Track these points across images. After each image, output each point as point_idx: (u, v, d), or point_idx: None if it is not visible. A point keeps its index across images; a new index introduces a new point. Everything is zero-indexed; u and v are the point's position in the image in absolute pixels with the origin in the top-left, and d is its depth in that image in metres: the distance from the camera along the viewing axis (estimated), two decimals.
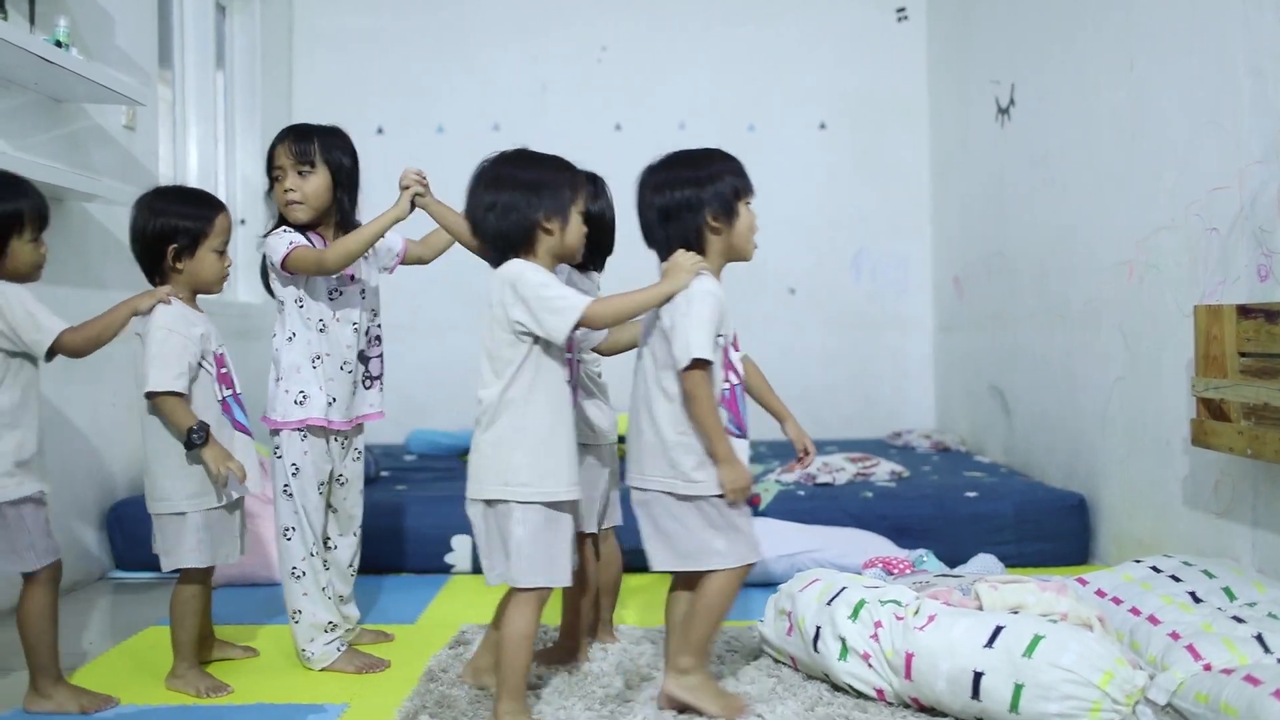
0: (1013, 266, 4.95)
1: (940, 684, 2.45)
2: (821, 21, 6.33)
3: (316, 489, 2.91)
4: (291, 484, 2.89)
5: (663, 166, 2.53)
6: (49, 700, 2.61)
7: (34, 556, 2.58)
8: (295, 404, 2.87)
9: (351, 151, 2.95)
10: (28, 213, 2.58)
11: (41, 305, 2.58)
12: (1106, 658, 2.35)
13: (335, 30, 6.24)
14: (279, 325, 2.91)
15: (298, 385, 2.87)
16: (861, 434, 6.20)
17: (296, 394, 2.87)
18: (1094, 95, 4.02)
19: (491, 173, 2.45)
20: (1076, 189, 4.21)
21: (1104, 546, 3.99)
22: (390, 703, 2.62)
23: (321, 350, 2.88)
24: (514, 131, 6.04)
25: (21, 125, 3.55)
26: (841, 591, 2.74)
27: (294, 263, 2.82)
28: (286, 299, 2.89)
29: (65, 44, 3.43)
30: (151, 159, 4.45)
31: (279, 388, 2.88)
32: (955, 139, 5.85)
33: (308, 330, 2.88)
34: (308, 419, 2.87)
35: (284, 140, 2.89)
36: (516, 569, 2.38)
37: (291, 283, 2.88)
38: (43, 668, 2.62)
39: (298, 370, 2.88)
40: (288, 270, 2.84)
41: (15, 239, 2.57)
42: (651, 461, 2.45)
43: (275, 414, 2.89)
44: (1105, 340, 3.95)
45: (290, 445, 2.89)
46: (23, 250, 2.59)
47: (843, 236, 6.32)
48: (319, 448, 2.91)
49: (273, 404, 2.89)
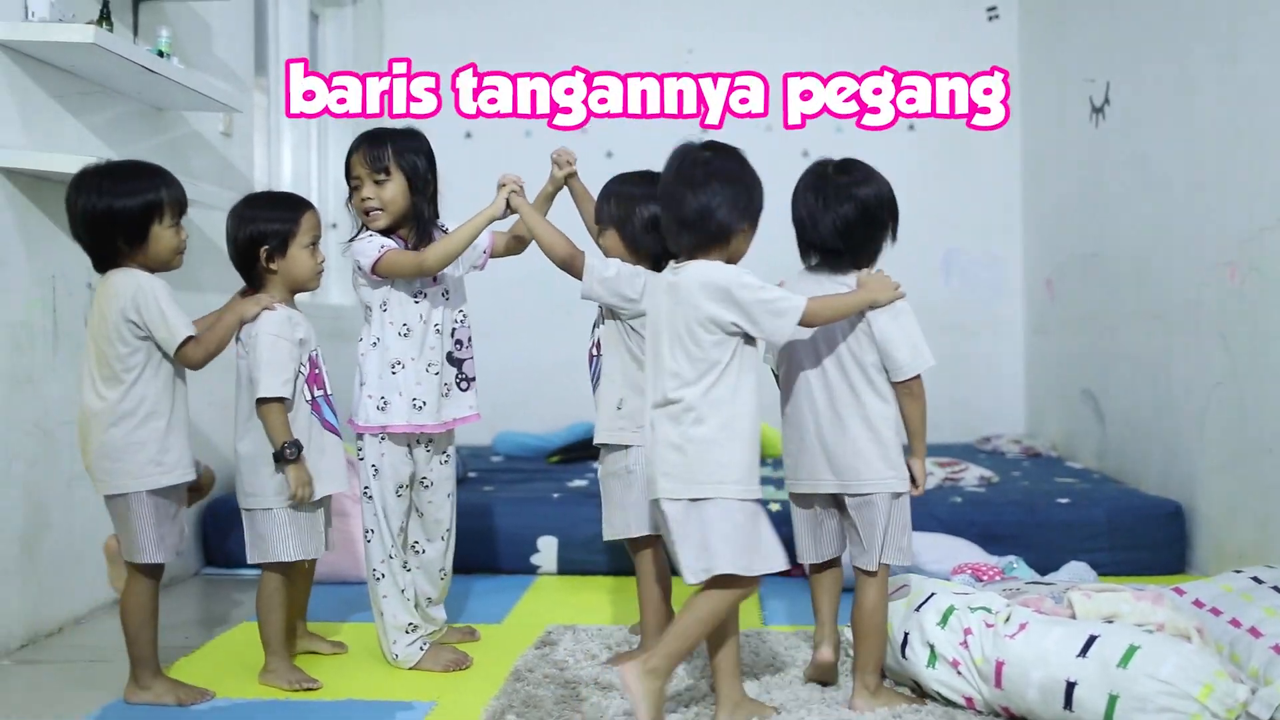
0: (1108, 268, 4.85)
1: (1032, 693, 2.41)
2: (911, 21, 6.25)
3: (394, 492, 2.94)
4: (371, 486, 2.93)
5: (841, 170, 2.72)
6: (148, 692, 2.68)
7: (157, 550, 2.64)
8: (377, 409, 2.91)
9: (427, 151, 2.97)
10: (167, 199, 2.65)
11: (176, 307, 2.63)
12: (1206, 670, 2.28)
13: (425, 35, 6.31)
14: (365, 330, 2.95)
15: (380, 391, 2.90)
16: (948, 438, 6.11)
17: (379, 400, 2.90)
18: (1195, 92, 3.92)
19: (701, 168, 2.48)
20: (1176, 188, 4.11)
21: (1201, 556, 3.88)
22: (477, 701, 2.65)
23: (405, 355, 2.91)
24: (602, 134, 6.06)
25: (125, 133, 3.66)
26: (930, 598, 2.71)
27: (388, 266, 2.85)
28: (372, 303, 2.92)
29: (167, 54, 3.53)
30: (247, 164, 4.56)
31: (362, 393, 2.92)
32: (1048, 139, 5.75)
33: (392, 335, 2.91)
34: (388, 425, 2.90)
35: (359, 148, 2.92)
36: (722, 559, 2.37)
37: (381, 285, 2.91)
38: (143, 660, 2.69)
39: (380, 376, 2.91)
40: (380, 275, 2.87)
41: (156, 224, 2.64)
42: (867, 464, 2.55)
43: (359, 419, 2.93)
44: (1204, 344, 3.85)
45: (370, 448, 2.93)
46: (164, 236, 2.66)
47: (931, 238, 6.23)
48: (397, 452, 2.94)
49: (356, 409, 2.94)
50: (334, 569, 3.79)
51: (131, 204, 2.61)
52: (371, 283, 2.91)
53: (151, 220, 2.63)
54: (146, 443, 2.62)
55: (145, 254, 2.65)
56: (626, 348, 2.87)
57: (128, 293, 2.59)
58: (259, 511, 2.80)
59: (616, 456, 2.89)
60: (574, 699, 2.63)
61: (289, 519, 2.80)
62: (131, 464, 2.61)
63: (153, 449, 2.62)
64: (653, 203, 2.82)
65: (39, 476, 3.18)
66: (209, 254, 4.11)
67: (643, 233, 2.86)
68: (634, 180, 2.93)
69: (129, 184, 2.63)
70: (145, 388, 2.62)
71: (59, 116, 3.32)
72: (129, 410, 2.61)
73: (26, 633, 3.14)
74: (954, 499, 4.14)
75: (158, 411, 2.64)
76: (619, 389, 2.88)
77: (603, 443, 2.91)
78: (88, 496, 3.29)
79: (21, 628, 3.12)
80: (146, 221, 2.63)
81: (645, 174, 2.92)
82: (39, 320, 3.20)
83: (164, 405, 2.65)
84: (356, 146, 2.93)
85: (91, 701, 2.69)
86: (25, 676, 2.92)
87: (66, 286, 3.31)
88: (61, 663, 3.00)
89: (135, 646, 2.68)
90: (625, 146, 5.79)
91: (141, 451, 2.61)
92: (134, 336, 2.60)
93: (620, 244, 2.88)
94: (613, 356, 2.89)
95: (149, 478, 2.62)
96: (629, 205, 2.88)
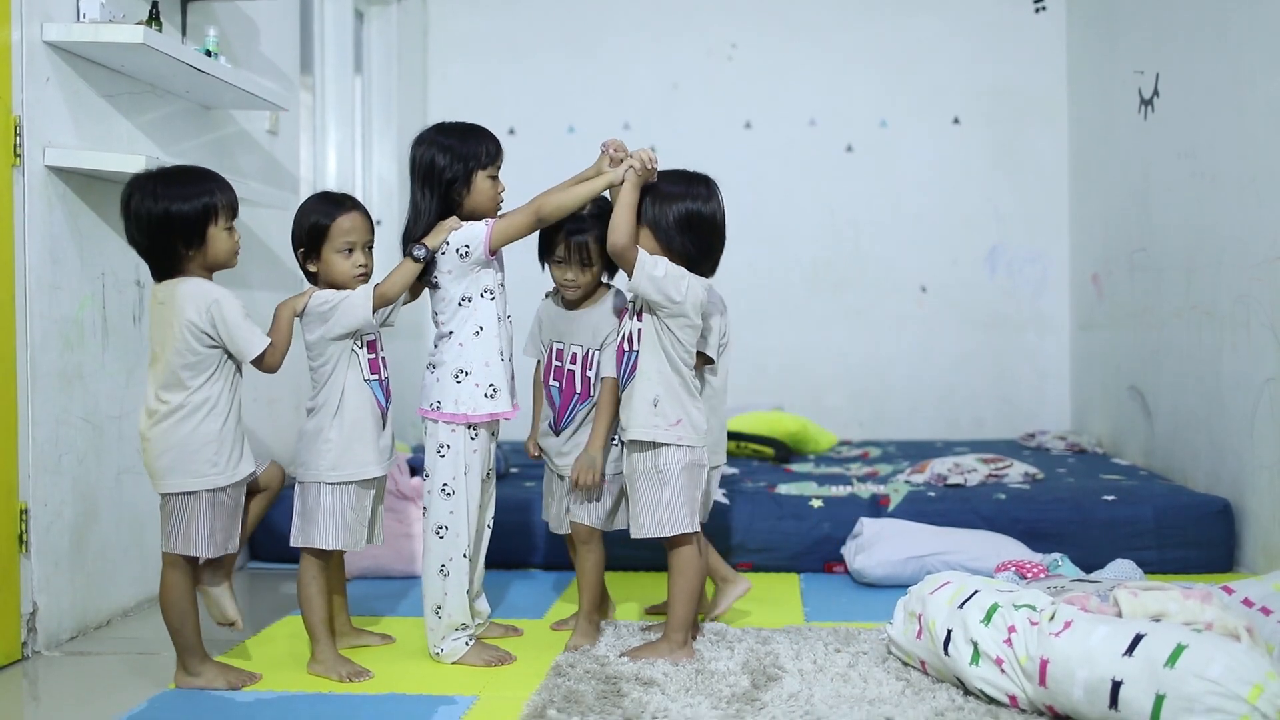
0: (1156, 263, 4.78)
1: (1077, 692, 2.38)
2: (956, 14, 6.20)
3: (480, 489, 2.96)
4: (454, 483, 2.92)
5: None
6: (197, 677, 2.74)
7: (207, 545, 2.69)
8: (485, 398, 2.90)
9: None
10: (222, 202, 2.72)
11: (248, 319, 2.70)
12: (1256, 670, 2.25)
13: (469, 33, 6.35)
14: (457, 321, 2.91)
15: (488, 379, 2.90)
16: (993, 435, 6.07)
17: (487, 388, 2.90)
18: (1248, 84, 3.86)
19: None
20: (1227, 182, 4.05)
21: (1250, 554, 3.83)
22: (519, 696, 2.66)
23: (503, 345, 2.94)
24: (645, 130, 6.07)
25: (173, 131, 3.70)
26: (974, 595, 2.69)
27: (503, 234, 2.87)
28: (473, 293, 2.91)
29: (214, 53, 3.57)
30: (293, 162, 4.60)
31: (466, 382, 2.89)
32: (1095, 132, 5.68)
33: (494, 324, 2.92)
34: (497, 413, 2.92)
35: (500, 148, 2.98)
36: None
37: (486, 269, 2.90)
38: (189, 647, 2.74)
39: (487, 365, 2.90)
40: (494, 250, 2.88)
41: (212, 226, 2.70)
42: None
43: (462, 408, 2.89)
44: (1255, 339, 3.79)
45: (463, 444, 2.91)
46: (220, 238, 2.72)
47: (977, 234, 6.18)
48: (487, 447, 2.96)
49: (452, 399, 2.90)
50: (377, 563, 3.82)
51: (187, 207, 2.67)
52: (481, 264, 2.89)
53: (209, 222, 2.69)
54: (207, 443, 2.67)
55: (204, 256, 2.71)
56: (662, 345, 2.87)
57: (200, 305, 2.65)
58: (309, 485, 2.86)
59: (647, 455, 2.89)
60: (615, 694, 2.64)
61: (334, 505, 2.84)
62: (192, 464, 2.67)
63: (212, 449, 2.68)
64: (688, 202, 2.83)
65: (88, 470, 3.23)
66: (256, 252, 4.16)
67: (677, 232, 2.86)
68: (669, 179, 2.93)
69: (184, 188, 2.69)
70: (208, 390, 2.69)
71: (109, 116, 3.37)
72: (190, 412, 2.67)
73: (76, 625, 3.19)
74: (998, 496, 4.10)
75: (216, 412, 2.70)
76: (654, 386, 2.88)
77: (634, 439, 2.91)
78: (136, 490, 3.36)
79: (71, 620, 3.17)
80: (203, 224, 2.69)
81: (681, 173, 2.92)
82: (90, 317, 3.25)
83: (223, 405, 2.72)
84: (499, 145, 2.97)
85: (140, 693, 2.73)
86: (74, 668, 2.97)
87: (116, 284, 3.36)
88: (110, 654, 3.05)
89: (180, 636, 2.74)
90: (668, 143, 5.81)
91: (202, 452, 2.67)
92: (203, 346, 2.67)
93: (654, 243, 2.88)
94: (649, 354, 2.89)
95: (208, 477, 2.68)
96: (664, 204, 2.88)
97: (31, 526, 3.03)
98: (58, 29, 3.09)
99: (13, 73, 2.99)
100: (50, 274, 3.10)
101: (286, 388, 4.34)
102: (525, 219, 2.87)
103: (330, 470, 2.84)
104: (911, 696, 2.62)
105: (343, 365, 2.85)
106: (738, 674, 2.77)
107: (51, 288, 3.10)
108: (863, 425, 6.08)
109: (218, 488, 2.69)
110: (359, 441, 2.85)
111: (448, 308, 2.93)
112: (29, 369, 3.02)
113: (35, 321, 3.03)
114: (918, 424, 6.09)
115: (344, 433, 2.84)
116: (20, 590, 3.00)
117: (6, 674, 2.91)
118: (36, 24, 3.05)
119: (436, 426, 2.92)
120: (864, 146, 6.20)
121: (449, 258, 2.88)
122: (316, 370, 2.88)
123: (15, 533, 2.99)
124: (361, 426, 2.86)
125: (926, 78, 6.19)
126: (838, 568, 3.90)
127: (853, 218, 6.12)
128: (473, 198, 2.91)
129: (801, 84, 6.20)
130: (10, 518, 2.98)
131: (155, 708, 2.63)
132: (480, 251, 2.86)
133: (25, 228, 3.02)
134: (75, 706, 2.70)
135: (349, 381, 2.85)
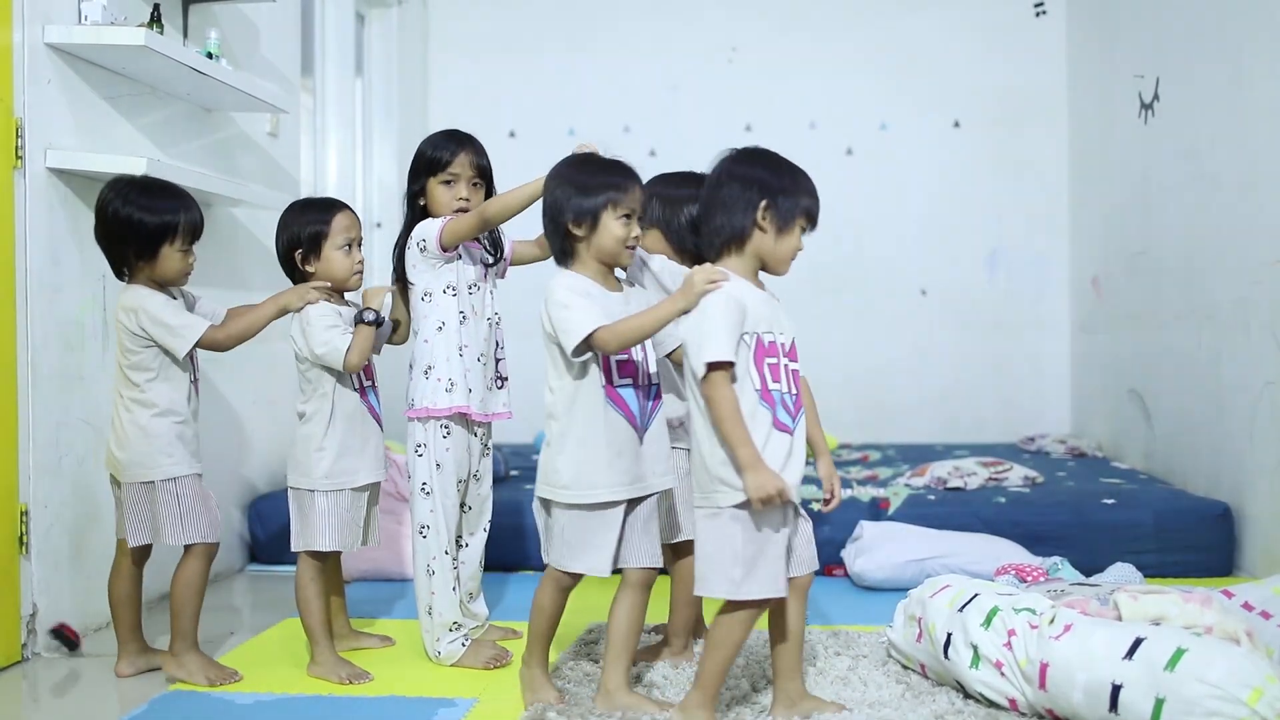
0: (1156, 265, 4.79)
1: (1076, 695, 2.39)
2: (956, 17, 6.20)
3: (455, 486, 2.96)
4: (431, 481, 2.94)
5: None
6: (181, 668, 2.79)
7: (190, 531, 2.79)
8: (444, 391, 2.91)
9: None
10: (182, 224, 2.80)
11: (173, 309, 2.79)
12: (1256, 674, 2.25)
13: (469, 36, 6.35)
14: (423, 318, 2.95)
15: (447, 374, 2.92)
16: (992, 438, 6.06)
17: (445, 382, 2.91)
18: (1248, 87, 3.86)
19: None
20: (1227, 185, 4.05)
21: (1251, 558, 3.83)
22: (518, 698, 2.66)
23: (464, 341, 2.93)
24: (644, 133, 6.08)
25: (174, 133, 3.71)
26: (974, 598, 2.69)
27: (453, 232, 2.88)
28: (434, 289, 2.94)
29: (216, 55, 3.57)
30: (293, 164, 4.60)
31: (430, 377, 2.92)
32: (1095, 135, 5.69)
33: (455, 320, 2.93)
34: (454, 406, 2.91)
35: (466, 147, 2.97)
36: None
37: (448, 264, 2.93)
38: (184, 633, 2.82)
39: (447, 359, 2.92)
40: (447, 246, 2.89)
41: (167, 246, 2.79)
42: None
43: (425, 402, 2.92)
44: (1255, 342, 3.79)
45: (435, 441, 2.93)
46: (172, 258, 2.81)
47: (977, 236, 6.18)
48: (462, 444, 2.96)
49: (421, 395, 2.93)
50: (375, 565, 3.82)
51: (149, 220, 2.77)
52: (443, 259, 2.92)
53: (164, 240, 2.79)
54: (158, 436, 2.77)
55: (153, 270, 2.81)
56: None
57: (131, 310, 2.77)
58: (304, 492, 2.88)
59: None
60: None
61: (329, 507, 2.87)
62: (144, 455, 2.77)
63: (162, 442, 2.78)
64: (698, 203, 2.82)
65: (88, 472, 3.23)
66: (256, 254, 4.16)
67: (688, 233, 2.87)
68: (676, 181, 2.93)
69: (153, 201, 2.79)
70: (156, 390, 2.79)
71: (110, 118, 3.37)
72: (143, 407, 2.78)
73: (76, 626, 3.18)
74: (998, 499, 4.11)
75: (173, 411, 2.80)
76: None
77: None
78: None
79: (71, 621, 3.16)
80: (159, 240, 2.78)
81: (688, 175, 2.92)
82: (89, 319, 3.26)
83: (179, 407, 2.81)
84: (464, 144, 2.97)
85: (140, 694, 2.73)
86: (75, 669, 2.97)
87: (117, 286, 3.35)
88: (111, 656, 3.04)
89: (180, 619, 2.81)
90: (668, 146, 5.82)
91: (153, 444, 2.77)
92: (140, 346, 2.77)
93: (665, 245, 2.89)
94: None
95: (160, 468, 2.78)
96: (674, 206, 2.88)
97: (32, 528, 3.03)
98: (59, 31, 3.09)
99: (14, 75, 3.00)
100: (51, 275, 3.10)
101: (287, 388, 4.33)
102: (473, 219, 2.88)
103: (324, 479, 2.87)
104: (911, 700, 2.62)
105: (333, 372, 2.88)
106: (737, 677, 2.77)
107: (52, 289, 3.11)
108: (862, 428, 6.07)
109: (174, 476, 2.78)
110: (352, 450, 2.90)
111: (417, 306, 2.97)
112: (29, 370, 3.02)
113: (36, 323, 3.04)
114: (917, 427, 6.08)
115: (338, 441, 2.88)
116: (20, 592, 3.01)
117: (6, 675, 2.91)
118: (38, 26, 3.05)
119: (414, 425, 2.95)
120: (864, 149, 6.21)
121: (412, 252, 2.95)
122: (306, 375, 2.91)
123: (15, 534, 2.99)
124: (354, 434, 2.91)
125: (927, 81, 6.20)
126: (837, 571, 3.90)
127: (853, 220, 6.11)
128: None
129: (801, 87, 6.21)
130: (10, 519, 2.98)
131: (155, 709, 2.63)
132: (433, 245, 2.89)
133: (26, 229, 3.03)
134: (75, 707, 2.70)
135: (340, 389, 2.89)
